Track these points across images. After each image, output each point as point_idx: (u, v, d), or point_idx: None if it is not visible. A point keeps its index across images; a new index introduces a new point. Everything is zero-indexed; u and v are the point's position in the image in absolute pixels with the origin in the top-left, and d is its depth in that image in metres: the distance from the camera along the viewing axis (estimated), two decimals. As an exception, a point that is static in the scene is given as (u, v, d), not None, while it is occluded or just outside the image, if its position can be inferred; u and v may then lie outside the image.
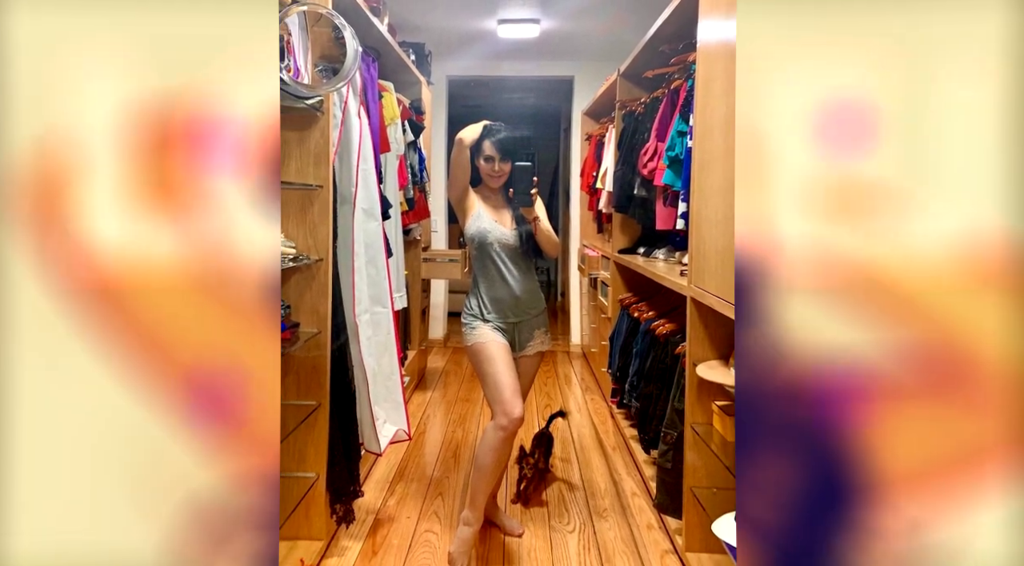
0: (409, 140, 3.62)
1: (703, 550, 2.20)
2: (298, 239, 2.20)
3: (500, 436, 2.16)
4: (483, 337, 2.24)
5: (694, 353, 2.19)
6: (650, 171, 2.90)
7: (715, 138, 1.99)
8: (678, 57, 2.83)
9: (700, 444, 2.17)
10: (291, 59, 2.06)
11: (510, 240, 2.26)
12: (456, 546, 2.22)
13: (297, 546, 2.23)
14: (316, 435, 2.24)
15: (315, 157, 2.18)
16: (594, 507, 2.70)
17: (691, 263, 2.20)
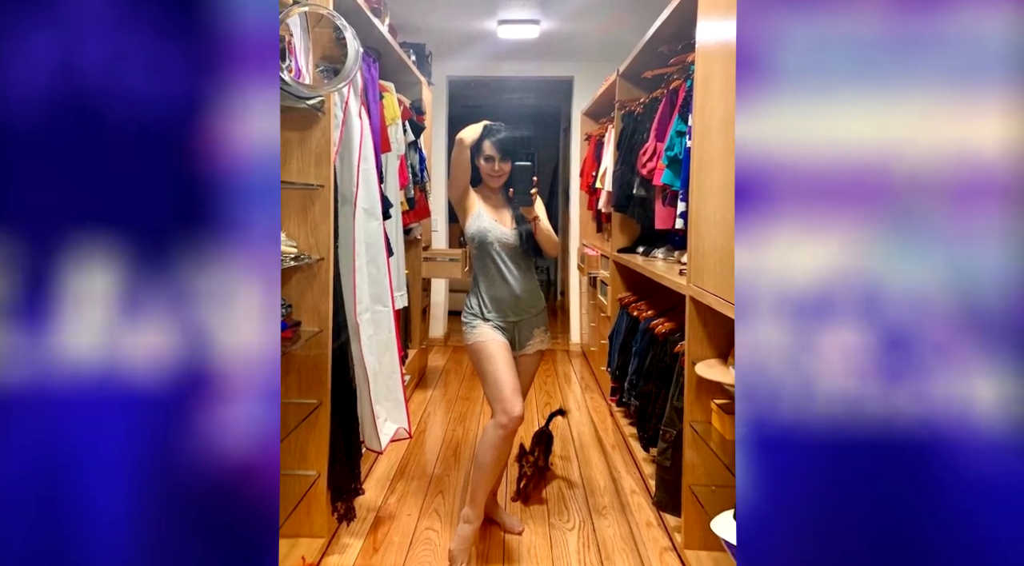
0: (410, 140, 3.64)
1: (702, 548, 2.21)
2: (299, 238, 2.21)
3: (500, 434, 2.17)
4: (483, 336, 2.26)
5: (693, 352, 2.21)
6: (649, 171, 2.91)
7: (714, 138, 2.00)
8: (677, 58, 2.84)
9: (699, 442, 2.19)
10: (292, 59, 2.08)
11: (510, 239, 2.27)
12: (456, 543, 2.23)
13: (298, 543, 2.24)
14: (317, 433, 2.25)
15: (316, 157, 2.19)
16: (593, 505, 2.71)
17: (690, 262, 2.21)
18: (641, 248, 3.59)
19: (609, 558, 2.30)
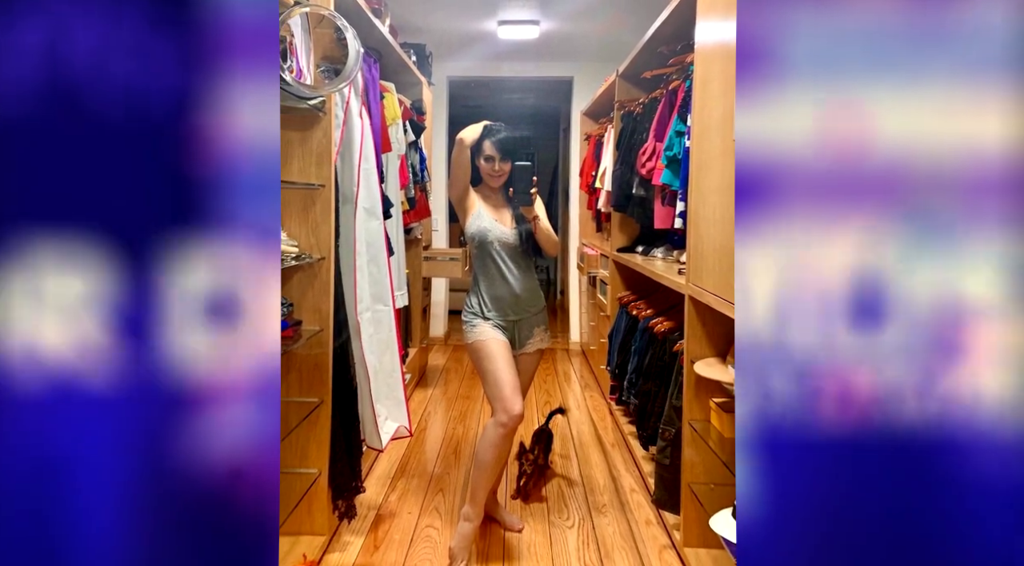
0: (410, 140, 3.65)
1: (701, 545, 2.23)
2: (300, 238, 2.22)
3: (500, 432, 2.18)
4: (483, 335, 2.27)
5: (692, 350, 2.22)
6: (648, 171, 2.92)
7: (713, 138, 2.01)
8: (676, 58, 2.85)
9: (698, 441, 2.20)
10: (294, 60, 2.09)
11: (510, 239, 2.29)
12: (456, 541, 2.25)
13: (300, 541, 2.25)
14: (318, 432, 2.26)
15: (317, 157, 2.21)
16: (593, 503, 2.73)
17: (689, 261, 2.23)
18: (640, 247, 3.60)
19: (608, 556, 2.31)
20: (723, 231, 1.91)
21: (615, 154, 3.62)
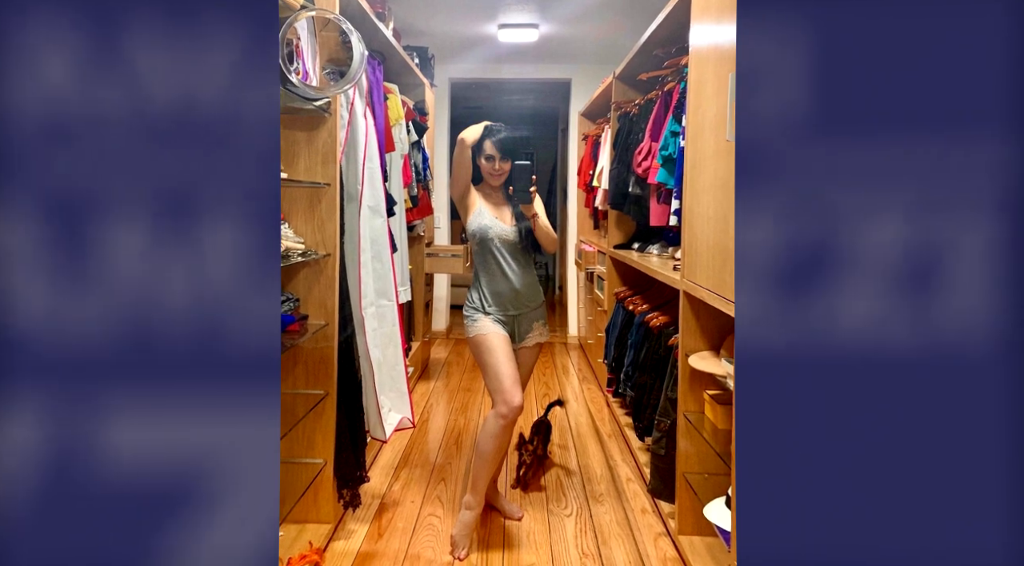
0: (413, 140, 3.69)
1: (695, 533, 2.26)
2: (307, 235, 2.27)
3: (500, 424, 2.22)
4: (484, 329, 2.31)
5: (686, 344, 2.25)
6: (644, 170, 2.96)
7: (707, 138, 2.03)
8: (671, 60, 2.88)
9: (692, 432, 2.23)
10: (300, 62, 2.13)
11: (510, 236, 2.33)
12: (458, 529, 2.29)
13: (306, 529, 2.30)
14: (324, 423, 2.31)
15: (323, 156, 2.25)
16: (590, 492, 2.78)
17: (684, 258, 2.26)
18: (636, 244, 3.63)
19: (605, 543, 2.37)
20: (717, 228, 1.92)
21: (612, 154, 3.65)
